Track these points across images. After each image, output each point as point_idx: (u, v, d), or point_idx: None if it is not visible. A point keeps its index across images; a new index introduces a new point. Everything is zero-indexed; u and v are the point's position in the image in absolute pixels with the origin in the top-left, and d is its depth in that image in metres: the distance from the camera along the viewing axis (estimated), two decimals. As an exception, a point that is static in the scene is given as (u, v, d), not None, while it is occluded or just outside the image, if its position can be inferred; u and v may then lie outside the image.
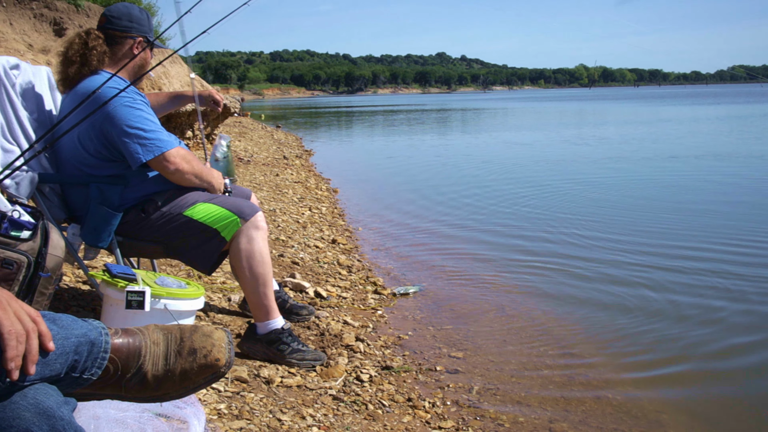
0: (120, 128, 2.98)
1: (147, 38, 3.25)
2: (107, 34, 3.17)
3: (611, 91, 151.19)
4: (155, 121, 3.10)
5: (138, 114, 3.02)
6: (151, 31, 3.30)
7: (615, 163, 13.48)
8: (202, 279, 4.49)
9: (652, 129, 23.66)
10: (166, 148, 3.03)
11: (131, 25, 3.19)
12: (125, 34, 3.19)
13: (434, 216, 8.24)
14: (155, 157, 3.01)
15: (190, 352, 1.55)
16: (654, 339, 4.16)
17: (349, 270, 5.41)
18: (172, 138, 3.11)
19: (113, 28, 3.18)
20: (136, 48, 3.22)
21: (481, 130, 26.22)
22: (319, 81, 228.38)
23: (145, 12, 3.30)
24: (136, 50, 3.22)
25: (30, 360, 1.27)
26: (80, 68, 3.10)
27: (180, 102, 3.78)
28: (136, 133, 2.99)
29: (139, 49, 3.22)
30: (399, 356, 3.72)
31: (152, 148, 3.01)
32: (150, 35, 3.27)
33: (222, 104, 3.69)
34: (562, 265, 5.74)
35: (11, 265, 2.24)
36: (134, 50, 3.21)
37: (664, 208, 8.37)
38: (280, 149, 15.47)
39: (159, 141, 3.02)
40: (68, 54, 3.13)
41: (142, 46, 3.23)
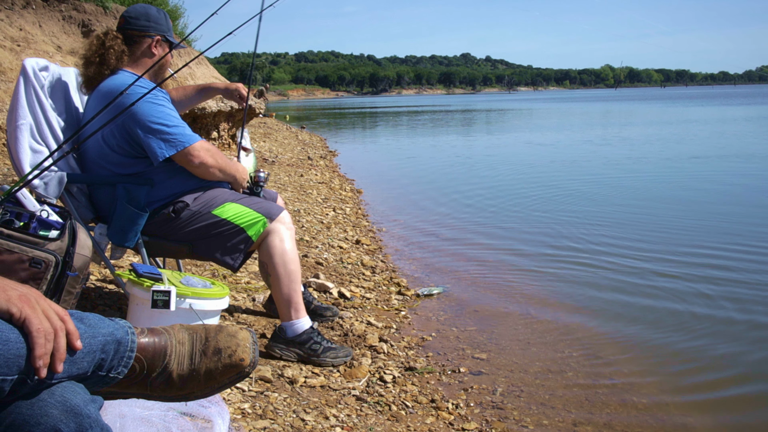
0: (142, 124, 3.02)
1: (165, 36, 3.29)
2: (126, 34, 3.21)
3: (637, 92, 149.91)
4: (177, 116, 3.14)
5: (160, 110, 3.06)
6: (170, 30, 3.34)
7: (637, 164, 13.36)
8: (227, 279, 4.52)
9: (678, 129, 23.40)
10: (189, 143, 3.07)
11: (149, 24, 3.23)
12: (143, 33, 3.22)
13: (458, 217, 8.22)
14: (179, 151, 3.05)
15: (215, 352, 1.56)
16: (681, 344, 4.12)
17: (372, 271, 5.41)
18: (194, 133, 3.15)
19: (131, 28, 3.22)
20: (155, 47, 3.25)
21: (506, 131, 26.11)
22: (344, 82, 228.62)
23: (163, 11, 3.34)
24: (154, 49, 3.25)
25: (58, 358, 1.28)
26: (99, 68, 3.14)
27: (207, 94, 3.82)
28: (158, 128, 3.03)
29: (157, 48, 3.27)
30: (422, 357, 3.71)
31: (175, 143, 3.04)
32: (168, 34, 3.31)
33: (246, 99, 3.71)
34: (585, 268, 5.70)
35: (39, 264, 2.27)
36: (152, 49, 3.25)
37: (690, 211, 8.29)
38: (304, 150, 15.52)
39: (182, 135, 3.06)
40: (87, 55, 3.17)
41: (160, 44, 3.28)
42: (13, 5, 9.37)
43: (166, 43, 3.30)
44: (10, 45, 8.30)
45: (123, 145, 3.09)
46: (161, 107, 3.07)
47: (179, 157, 3.07)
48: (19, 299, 1.28)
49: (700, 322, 4.42)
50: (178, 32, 14.07)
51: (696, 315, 4.53)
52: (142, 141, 3.04)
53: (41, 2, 10.06)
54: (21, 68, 3.03)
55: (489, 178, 11.84)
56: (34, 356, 1.24)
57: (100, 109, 2.29)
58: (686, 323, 4.41)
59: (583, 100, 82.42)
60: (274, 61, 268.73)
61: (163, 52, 3.28)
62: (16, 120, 2.95)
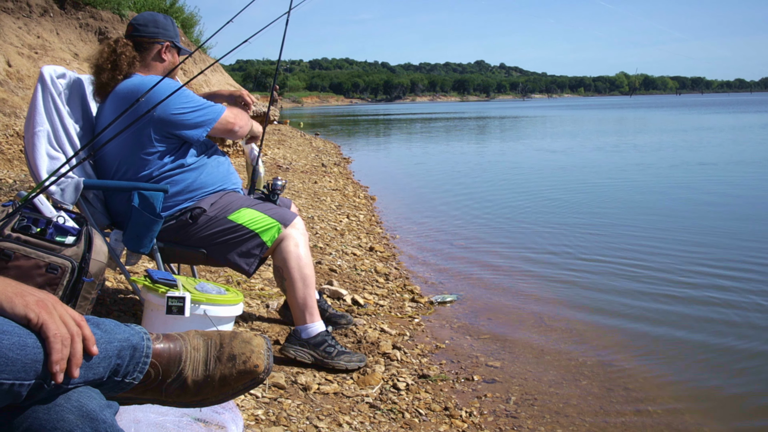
0: (176, 113, 3.11)
1: (173, 42, 3.35)
2: (135, 41, 3.28)
3: (652, 99, 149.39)
4: (198, 96, 3.29)
5: (184, 95, 3.16)
6: (177, 36, 3.43)
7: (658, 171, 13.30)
8: (241, 286, 4.54)
9: (692, 137, 23.28)
10: (220, 113, 3.25)
11: (157, 30, 3.31)
12: (153, 39, 3.30)
13: (472, 224, 8.20)
14: (216, 123, 3.23)
15: (229, 358, 1.57)
16: (696, 352, 4.09)
17: (386, 278, 5.41)
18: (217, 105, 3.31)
19: (140, 35, 3.29)
20: (165, 52, 3.33)
21: (518, 138, 26.06)
22: (358, 89, 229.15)
23: (170, 18, 3.42)
24: (164, 54, 3.34)
25: (74, 363, 1.29)
26: (112, 74, 3.18)
27: (214, 101, 3.86)
28: (191, 109, 3.15)
29: (167, 53, 3.34)
30: (436, 365, 3.71)
31: (211, 115, 3.22)
32: (176, 40, 3.39)
33: (252, 107, 3.74)
34: (599, 276, 5.67)
35: (56, 269, 2.29)
36: (163, 54, 3.33)
37: (703, 218, 8.24)
38: (318, 157, 15.56)
39: (211, 111, 3.22)
40: (99, 62, 3.21)
41: (169, 50, 3.36)
42: (31, 13, 9.47)
43: (174, 48, 3.38)
44: (28, 52, 8.38)
45: (151, 144, 3.12)
46: (183, 92, 3.17)
47: (218, 129, 3.26)
48: (37, 304, 1.29)
49: (717, 330, 4.39)
50: (193, 39, 14.17)
51: (713, 323, 4.50)
52: (179, 129, 3.14)
53: (59, 10, 10.16)
54: (39, 75, 3.06)
55: (503, 185, 11.82)
56: (50, 361, 1.25)
57: (122, 111, 2.32)
58: (701, 331, 4.38)
59: (598, 107, 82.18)
60: (288, 68, 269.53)
61: (172, 57, 3.38)
62: (34, 127, 2.98)
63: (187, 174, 3.21)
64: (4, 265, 2.19)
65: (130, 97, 3.03)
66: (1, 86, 7.28)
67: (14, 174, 6.02)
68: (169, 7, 13.44)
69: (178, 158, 3.19)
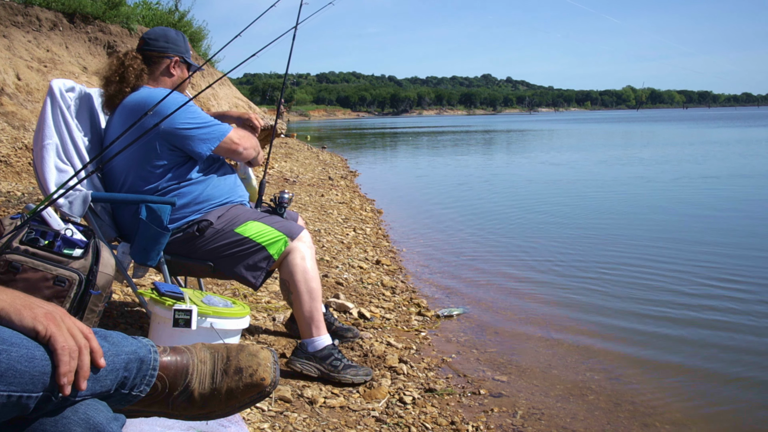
0: (180, 128, 3.12)
1: (183, 58, 3.37)
2: (145, 55, 3.31)
3: (659, 113, 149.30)
4: (206, 114, 3.29)
5: (191, 111, 3.18)
6: (188, 52, 3.45)
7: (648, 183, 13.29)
8: (248, 299, 4.54)
9: (698, 150, 23.24)
10: (226, 132, 3.25)
11: (168, 45, 3.34)
12: (162, 54, 3.32)
13: (479, 237, 8.20)
14: (220, 143, 3.23)
15: (236, 371, 1.57)
16: (704, 368, 4.07)
17: (392, 291, 5.41)
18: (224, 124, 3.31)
19: (150, 49, 3.32)
20: (173, 67, 3.36)
21: (525, 152, 26.03)
22: (365, 102, 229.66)
23: (181, 33, 3.44)
24: (173, 69, 3.37)
25: (82, 376, 1.29)
26: (120, 86, 3.21)
27: (223, 122, 3.87)
28: (197, 127, 3.17)
29: (176, 68, 3.37)
30: (442, 379, 3.70)
31: (216, 134, 3.22)
32: (186, 55, 3.42)
33: (260, 129, 3.74)
34: (608, 291, 5.66)
35: (63, 282, 2.30)
36: (171, 69, 3.36)
37: (711, 233, 8.22)
38: (325, 170, 15.59)
39: (218, 129, 3.23)
40: (107, 75, 3.24)
41: (178, 65, 3.38)
42: (40, 27, 9.54)
43: (184, 64, 3.40)
44: (37, 66, 8.44)
45: (158, 157, 3.14)
46: (191, 107, 3.19)
47: (222, 149, 3.26)
48: (45, 317, 1.30)
49: (724, 345, 4.37)
50: (201, 53, 14.25)
51: (720, 338, 4.48)
52: (184, 143, 3.15)
53: (68, 24, 10.24)
54: (48, 89, 3.08)
55: (509, 198, 11.81)
56: (58, 373, 1.26)
57: (130, 123, 2.35)
58: (709, 347, 4.36)
59: (604, 121, 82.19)
60: (296, 82, 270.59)
61: (181, 72, 3.40)
62: (43, 140, 3.00)
63: (194, 187, 3.22)
64: (13, 277, 2.20)
65: (137, 109, 3.05)
66: (10, 99, 7.33)
67: (23, 187, 6.05)
68: (177, 21, 13.54)
69: (185, 171, 3.21)
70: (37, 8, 9.71)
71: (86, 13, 10.61)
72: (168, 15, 13.38)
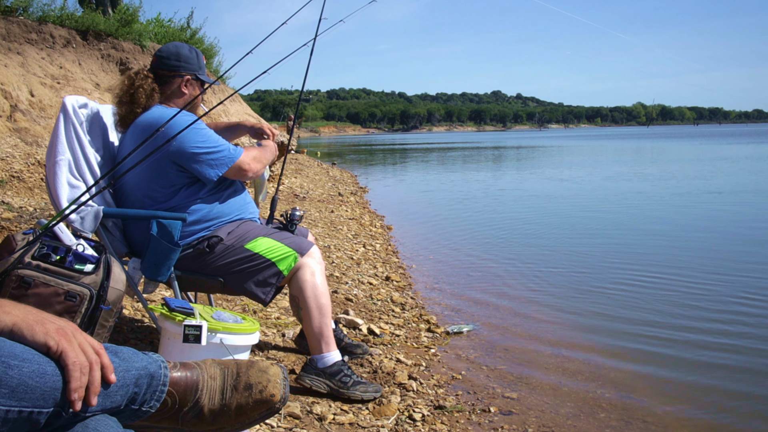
0: (190, 151, 3.12)
1: (196, 75, 3.37)
2: (157, 73, 3.32)
3: (670, 130, 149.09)
4: (218, 136, 3.27)
5: (203, 134, 3.18)
6: (201, 69, 3.43)
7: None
8: (257, 314, 4.54)
9: (708, 167, 23.17)
10: (236, 157, 3.23)
11: (179, 64, 3.33)
12: (173, 72, 3.33)
13: (488, 254, 8.18)
14: (230, 168, 3.21)
15: (246, 387, 1.57)
16: (717, 386, 4.04)
17: (402, 307, 5.40)
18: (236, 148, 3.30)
19: (162, 68, 3.33)
20: (185, 86, 3.35)
21: (535, 168, 26.00)
22: (375, 119, 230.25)
23: (195, 50, 3.43)
24: (184, 88, 3.36)
25: (92, 391, 1.30)
26: (130, 107, 3.23)
27: (237, 132, 3.88)
28: (207, 150, 3.16)
29: (187, 87, 3.37)
30: (452, 396, 3.68)
31: (225, 161, 3.19)
32: (199, 72, 3.40)
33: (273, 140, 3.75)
34: (618, 307, 5.63)
35: (74, 297, 2.31)
36: (182, 88, 3.36)
37: (719, 251, 8.18)
38: (335, 186, 15.61)
39: (228, 152, 3.21)
40: (119, 94, 3.26)
41: (190, 83, 3.38)
42: (54, 44, 9.63)
43: (197, 81, 3.40)
44: (51, 82, 8.52)
45: (167, 176, 3.16)
46: (203, 131, 3.19)
47: (231, 173, 3.25)
48: (57, 332, 1.30)
49: (737, 364, 4.34)
50: (212, 70, 14.34)
51: (731, 356, 4.45)
52: (192, 166, 3.15)
53: (81, 41, 10.33)
54: (61, 105, 3.11)
55: (519, 214, 11.79)
56: (69, 389, 1.26)
57: (139, 143, 2.36)
58: (721, 365, 4.33)
59: (615, 137, 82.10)
60: (306, 98, 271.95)
61: (193, 90, 3.39)
62: (55, 156, 3.02)
63: (205, 203, 3.23)
64: (24, 292, 2.21)
65: (148, 130, 3.07)
66: (23, 115, 7.39)
67: (35, 202, 6.09)
68: (189, 39, 13.64)
69: (195, 190, 3.22)
70: (51, 26, 9.80)
71: (99, 30, 10.71)
72: (180, 32, 13.49)
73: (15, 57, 8.49)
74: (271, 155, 3.50)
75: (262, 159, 3.40)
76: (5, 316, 1.30)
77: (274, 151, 3.55)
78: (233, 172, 3.25)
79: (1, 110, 7.18)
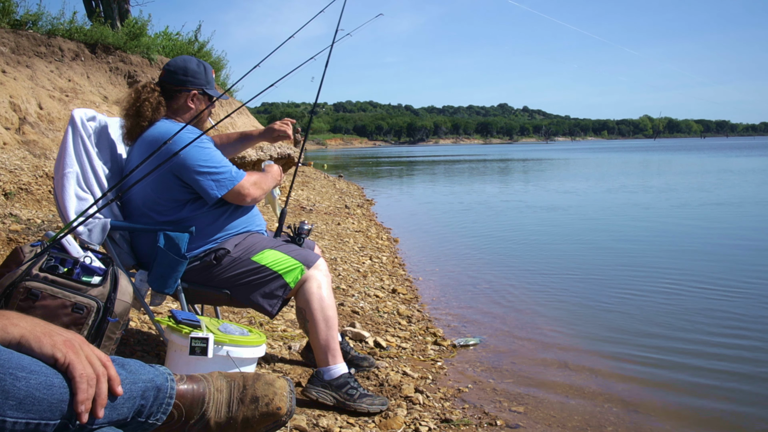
0: (194, 168, 3.12)
1: (204, 89, 3.38)
2: (164, 87, 3.32)
3: (677, 142, 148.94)
4: (222, 156, 3.26)
5: (207, 152, 3.17)
6: (209, 83, 3.42)
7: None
8: (264, 327, 4.54)
9: (712, 179, 23.13)
10: (237, 180, 3.20)
11: (186, 78, 3.33)
12: (180, 87, 3.33)
13: (496, 267, 8.16)
14: (230, 190, 3.18)
15: (252, 400, 1.57)
16: (724, 400, 4.01)
17: (408, 320, 5.39)
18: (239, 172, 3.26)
19: (169, 82, 3.34)
20: (191, 101, 3.35)
21: (541, 180, 25.97)
22: (381, 131, 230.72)
23: (203, 64, 3.42)
24: (190, 103, 3.36)
25: (99, 404, 1.30)
26: (136, 120, 3.23)
27: (247, 143, 3.89)
28: (209, 170, 3.14)
29: (194, 102, 3.37)
30: (458, 409, 3.67)
31: (226, 183, 3.17)
32: (207, 87, 3.40)
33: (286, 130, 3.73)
34: (626, 318, 5.61)
35: (81, 309, 2.31)
36: (189, 103, 3.35)
37: (723, 262, 8.15)
38: (341, 198, 15.63)
39: (230, 175, 3.19)
40: (125, 108, 3.28)
41: (197, 98, 3.37)
42: (63, 57, 9.69)
43: (204, 96, 3.39)
44: (59, 95, 8.56)
45: (172, 190, 3.17)
46: (208, 149, 3.17)
47: (230, 195, 3.21)
48: (64, 344, 1.31)
49: (746, 376, 4.31)
50: (220, 83, 14.41)
51: (741, 369, 4.43)
52: (194, 184, 3.15)
53: (90, 54, 10.40)
54: (70, 118, 3.12)
55: (524, 226, 11.77)
56: (76, 401, 1.27)
57: (145, 157, 2.37)
58: (730, 377, 4.30)
59: (621, 150, 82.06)
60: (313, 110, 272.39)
61: (200, 104, 3.38)
62: (64, 168, 3.03)
63: (211, 216, 3.23)
64: (32, 304, 2.22)
65: (153, 144, 3.08)
66: (32, 128, 7.43)
67: (43, 214, 6.11)
68: (197, 52, 13.71)
69: (201, 201, 3.22)
70: (59, 39, 9.87)
71: (108, 43, 10.77)
72: (188, 45, 13.56)
73: (24, 70, 8.55)
74: (273, 182, 3.47)
75: (263, 185, 3.37)
76: (13, 328, 1.31)
77: (277, 177, 3.53)
78: (232, 196, 3.22)
79: (10, 123, 7.22)
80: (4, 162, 6.49)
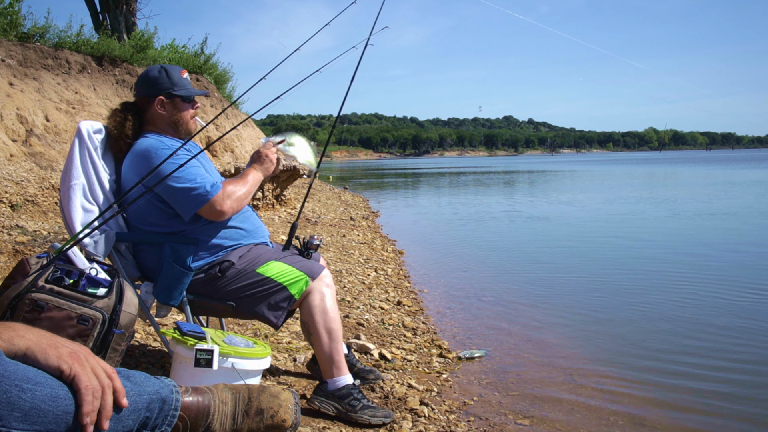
0: (166, 185, 3.08)
1: (170, 92, 3.32)
2: (135, 103, 3.35)
3: (682, 155, 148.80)
4: (197, 169, 3.18)
5: (182, 169, 3.08)
6: (176, 84, 3.34)
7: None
8: (269, 339, 4.53)
9: (715, 190, 23.09)
10: (210, 196, 3.10)
11: (148, 89, 3.32)
12: (146, 98, 3.33)
13: (500, 279, 8.15)
14: (202, 206, 3.11)
15: (257, 413, 1.57)
16: (730, 412, 3.99)
17: (414, 332, 5.38)
18: (216, 180, 3.20)
19: (137, 96, 3.37)
20: (160, 107, 3.32)
21: (545, 193, 25.97)
22: (387, 143, 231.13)
23: (165, 68, 3.36)
24: (161, 109, 3.32)
25: (104, 416, 1.30)
26: (119, 137, 3.24)
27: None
28: (181, 187, 3.09)
29: (165, 107, 3.32)
30: (464, 422, 3.65)
31: (198, 198, 3.09)
32: (174, 89, 3.33)
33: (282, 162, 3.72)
34: (631, 331, 5.59)
35: (87, 321, 2.31)
36: (159, 109, 3.32)
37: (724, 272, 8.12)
38: (347, 210, 15.64)
39: (203, 189, 3.10)
40: (109, 128, 3.29)
41: (165, 102, 3.32)
42: (69, 70, 9.74)
43: (176, 97, 3.34)
44: (66, 107, 8.60)
45: (160, 205, 3.17)
46: (182, 163, 3.12)
47: (204, 212, 3.14)
48: (70, 356, 1.31)
49: (752, 386, 4.29)
50: (226, 95, 14.44)
51: (747, 382, 4.41)
52: (170, 200, 3.14)
53: (96, 67, 10.45)
54: (76, 130, 3.14)
55: (529, 238, 11.77)
56: (81, 413, 1.27)
57: (137, 172, 2.38)
58: (740, 389, 4.28)
59: (627, 162, 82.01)
60: (318, 123, 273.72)
61: (172, 108, 3.33)
62: (70, 180, 3.04)
63: (216, 228, 3.24)
64: (38, 316, 2.22)
65: (135, 160, 3.12)
66: (38, 140, 7.46)
67: (49, 226, 6.13)
68: (203, 64, 13.75)
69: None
70: (66, 51, 9.92)
71: (114, 56, 10.82)
72: (194, 58, 13.60)
73: (31, 82, 8.59)
74: (253, 186, 3.33)
75: (239, 193, 3.23)
76: (19, 339, 1.31)
77: (255, 182, 3.37)
78: (206, 212, 3.13)
79: (17, 135, 7.26)
80: (10, 174, 6.52)
